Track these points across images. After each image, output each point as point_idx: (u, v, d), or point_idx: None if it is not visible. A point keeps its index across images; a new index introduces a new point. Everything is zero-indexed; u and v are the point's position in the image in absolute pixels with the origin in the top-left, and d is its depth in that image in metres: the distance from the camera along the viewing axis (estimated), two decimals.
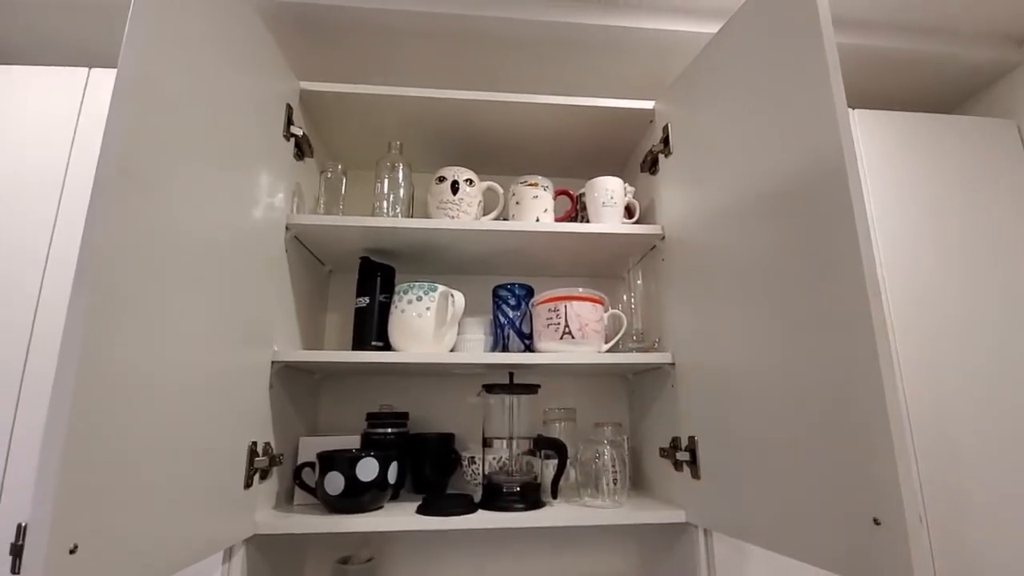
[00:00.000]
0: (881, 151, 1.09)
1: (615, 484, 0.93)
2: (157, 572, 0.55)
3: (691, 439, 0.84)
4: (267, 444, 0.83)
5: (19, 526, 0.48)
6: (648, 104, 1.03)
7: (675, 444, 0.90)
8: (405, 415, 1.04)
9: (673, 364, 0.92)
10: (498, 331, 1.03)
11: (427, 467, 1.01)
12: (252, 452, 0.77)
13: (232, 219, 0.72)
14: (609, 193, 1.00)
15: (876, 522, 0.51)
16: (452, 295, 0.93)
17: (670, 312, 0.95)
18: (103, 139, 0.51)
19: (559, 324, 0.92)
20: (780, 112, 0.68)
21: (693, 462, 0.83)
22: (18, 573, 0.43)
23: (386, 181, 1.01)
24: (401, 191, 1.01)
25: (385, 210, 0.99)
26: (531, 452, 0.95)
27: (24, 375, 0.81)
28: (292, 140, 0.93)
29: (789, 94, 0.67)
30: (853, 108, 1.12)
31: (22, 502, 0.75)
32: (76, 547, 0.44)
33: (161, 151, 0.57)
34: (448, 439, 1.05)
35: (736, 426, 0.73)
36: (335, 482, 0.83)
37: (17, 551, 0.45)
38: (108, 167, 0.50)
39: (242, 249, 0.75)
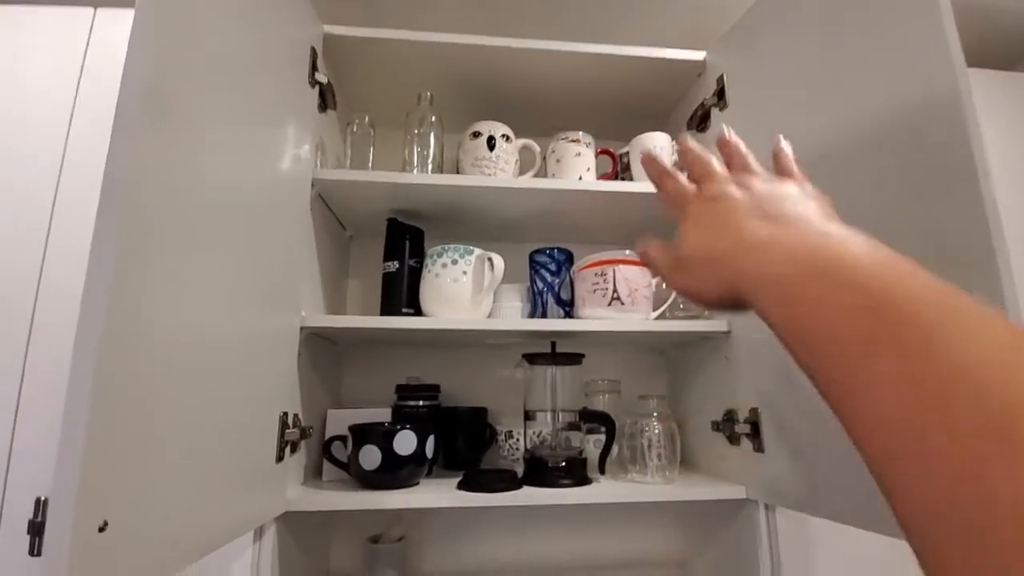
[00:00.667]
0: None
1: (659, 459, 0.88)
2: (190, 553, 0.49)
3: (753, 411, 0.78)
4: (296, 416, 0.77)
5: (38, 500, 0.43)
6: (699, 55, 0.95)
7: (730, 416, 0.84)
8: (436, 387, 0.98)
9: (728, 332, 0.86)
10: (536, 298, 0.97)
11: (460, 442, 0.96)
12: (283, 423, 0.71)
13: (257, 169, 0.65)
14: (657, 151, 0.93)
15: None
16: (491, 258, 0.86)
17: None
18: (124, 71, 0.43)
19: (607, 289, 0.85)
20: (873, 50, 0.61)
21: (755, 435, 0.77)
22: (38, 554, 0.37)
23: (416, 136, 0.93)
24: (431, 147, 0.94)
25: (416, 167, 0.92)
26: (572, 426, 0.89)
27: (32, 327, 0.74)
28: (316, 88, 0.85)
29: (883, 34, 0.59)
30: None
31: (35, 473, 0.69)
32: (106, 524, 0.38)
33: (184, 89, 0.49)
34: (481, 413, 1.00)
35: (810, 394, 0.67)
36: (371, 456, 0.77)
37: (37, 529, 0.39)
38: (131, 101, 0.43)
39: (268, 203, 0.68)
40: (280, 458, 0.70)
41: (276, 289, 0.71)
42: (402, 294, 0.92)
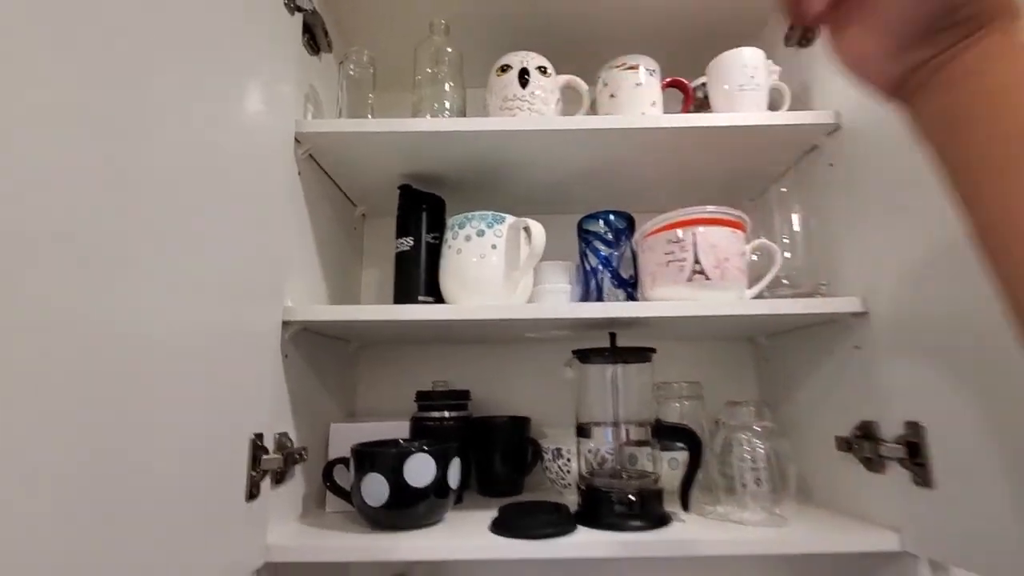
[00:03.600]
0: None
1: (762, 487, 0.64)
2: None
3: (911, 426, 0.54)
4: (282, 436, 0.60)
5: None
6: None
7: (867, 432, 0.60)
8: (466, 394, 0.79)
9: (862, 314, 0.61)
10: (588, 279, 0.75)
11: (497, 461, 0.76)
12: (256, 447, 0.54)
13: (212, 124, 0.47)
14: (748, 72, 0.69)
15: None
16: (527, 226, 0.66)
17: (848, 239, 0.64)
18: None
19: (685, 260, 0.63)
20: None
21: (916, 461, 0.53)
22: None
23: (428, 77, 0.73)
24: (448, 91, 0.74)
25: (427, 116, 0.72)
26: (640, 443, 0.68)
27: None
28: (299, 17, 0.67)
29: None
30: None
31: None
32: None
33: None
34: (522, 424, 0.80)
35: (1014, 406, 0.42)
36: (376, 488, 0.59)
37: None
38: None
39: (232, 167, 0.50)
40: (253, 495, 0.53)
41: (244, 276, 0.53)
42: (419, 277, 0.73)
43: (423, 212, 0.76)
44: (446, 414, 0.75)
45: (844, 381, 0.66)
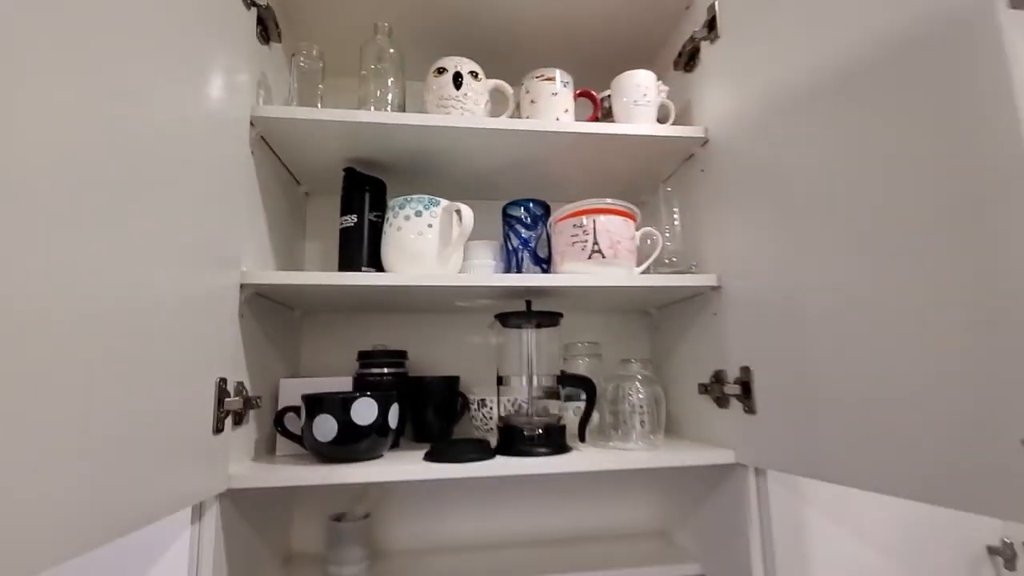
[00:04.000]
0: None
1: (642, 425, 0.82)
2: (106, 532, 0.41)
3: (744, 370, 0.72)
4: (240, 384, 0.69)
5: None
6: None
7: (718, 378, 0.79)
8: (403, 354, 0.90)
9: (717, 288, 0.79)
10: (510, 256, 0.89)
11: (429, 412, 0.88)
12: (221, 391, 0.62)
13: (176, 104, 0.55)
14: (641, 90, 0.85)
15: None
16: (458, 209, 0.78)
17: (713, 231, 0.82)
18: None
19: (587, 241, 0.78)
20: None
21: (746, 395, 0.71)
22: None
23: (372, 72, 0.83)
24: (390, 86, 0.84)
25: (371, 107, 0.82)
26: (550, 393, 0.82)
27: None
28: (254, 12, 0.74)
29: None
30: None
31: None
32: None
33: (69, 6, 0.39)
34: (452, 382, 0.92)
35: (812, 352, 0.61)
36: (326, 427, 0.69)
37: None
38: None
39: (194, 142, 0.58)
40: (219, 429, 0.62)
41: (208, 242, 0.61)
42: (362, 251, 0.83)
43: (366, 193, 0.86)
44: (385, 371, 0.86)
45: (705, 340, 0.84)
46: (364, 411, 0.71)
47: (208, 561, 0.62)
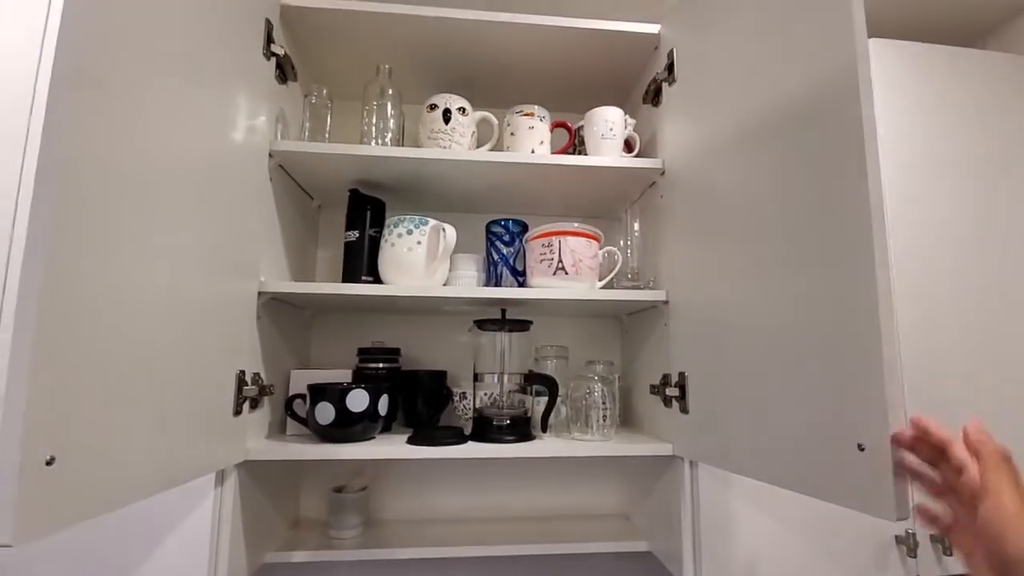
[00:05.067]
0: (896, 81, 1.02)
1: (605, 420, 0.94)
2: (144, 489, 0.56)
3: (681, 375, 0.84)
4: (256, 374, 0.83)
5: None
6: (654, 28, 0.97)
7: (665, 381, 0.90)
8: (396, 351, 1.04)
9: (666, 302, 0.90)
10: (491, 268, 1.01)
11: (419, 402, 1.02)
12: (240, 380, 0.77)
13: (209, 141, 0.69)
14: (608, 124, 0.96)
15: (860, 448, 0.51)
16: (443, 228, 0.91)
17: (666, 251, 0.92)
18: (58, 38, 0.46)
19: (552, 260, 0.90)
20: (792, 29, 0.63)
21: (682, 397, 0.83)
22: None
23: (375, 108, 0.96)
24: (390, 119, 0.96)
25: (374, 138, 0.95)
26: (522, 389, 0.95)
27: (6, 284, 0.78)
28: (273, 60, 0.88)
29: (803, 10, 0.61)
30: (871, 37, 1.05)
31: None
32: (53, 459, 0.44)
33: (125, 59, 0.52)
34: (440, 376, 1.05)
35: (726, 360, 0.72)
36: (325, 412, 0.83)
37: None
38: (63, 76, 0.46)
39: (222, 175, 0.72)
40: (238, 412, 0.76)
41: (233, 256, 0.75)
42: (362, 262, 0.97)
43: (367, 211, 0.99)
44: (380, 365, 1.00)
45: (659, 347, 0.95)
46: (357, 400, 0.84)
47: (228, 519, 0.77)
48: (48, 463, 0.44)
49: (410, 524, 1.05)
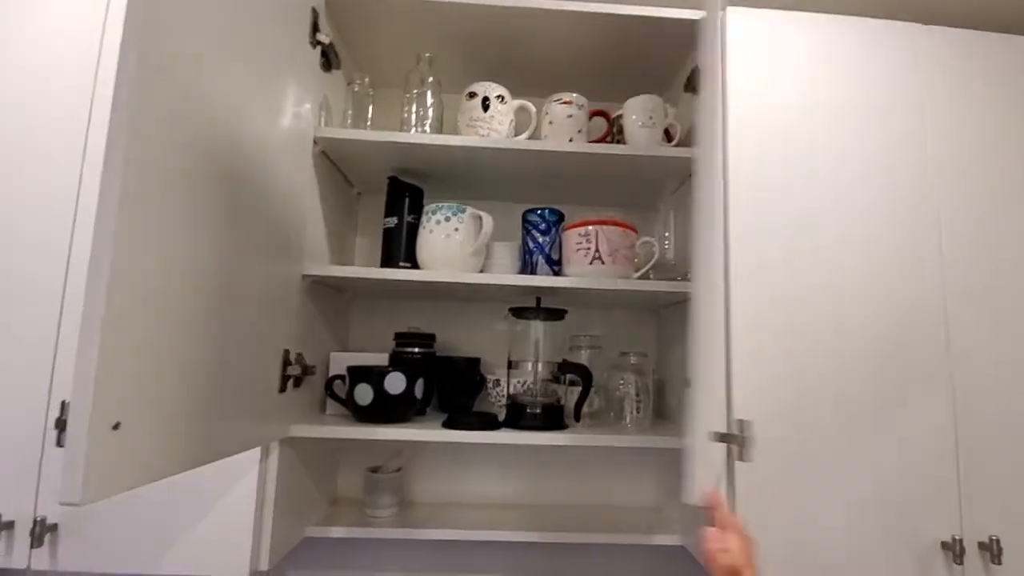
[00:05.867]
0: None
1: (638, 412, 0.93)
2: (197, 458, 0.59)
3: None
4: (300, 355, 0.86)
5: (63, 403, 0.52)
6: (697, 14, 0.94)
7: None
8: (432, 336, 1.05)
9: None
10: (527, 257, 1.01)
11: (453, 388, 1.03)
12: (285, 359, 0.80)
13: (261, 127, 0.71)
14: (648, 113, 0.94)
15: None
16: (481, 216, 0.91)
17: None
18: (124, 28, 0.49)
19: (589, 249, 0.89)
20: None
21: None
22: (62, 446, 0.46)
23: (415, 96, 0.97)
24: (430, 107, 0.97)
25: (413, 126, 0.96)
26: (555, 378, 0.95)
27: (69, 264, 0.82)
28: (318, 48, 0.89)
29: None
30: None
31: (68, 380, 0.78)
32: (119, 424, 0.47)
33: (183, 46, 0.54)
34: (473, 363, 1.07)
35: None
36: (364, 394, 0.85)
37: (62, 425, 0.47)
38: (130, 58, 0.48)
39: (272, 160, 0.74)
40: (283, 389, 0.79)
41: (278, 239, 0.78)
42: (400, 248, 0.99)
43: (406, 198, 1.01)
44: (416, 350, 1.02)
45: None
46: (395, 383, 0.86)
47: (271, 493, 0.80)
48: (114, 428, 0.46)
49: (442, 507, 1.07)
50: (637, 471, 1.13)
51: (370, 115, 0.98)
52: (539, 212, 1.01)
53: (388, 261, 0.98)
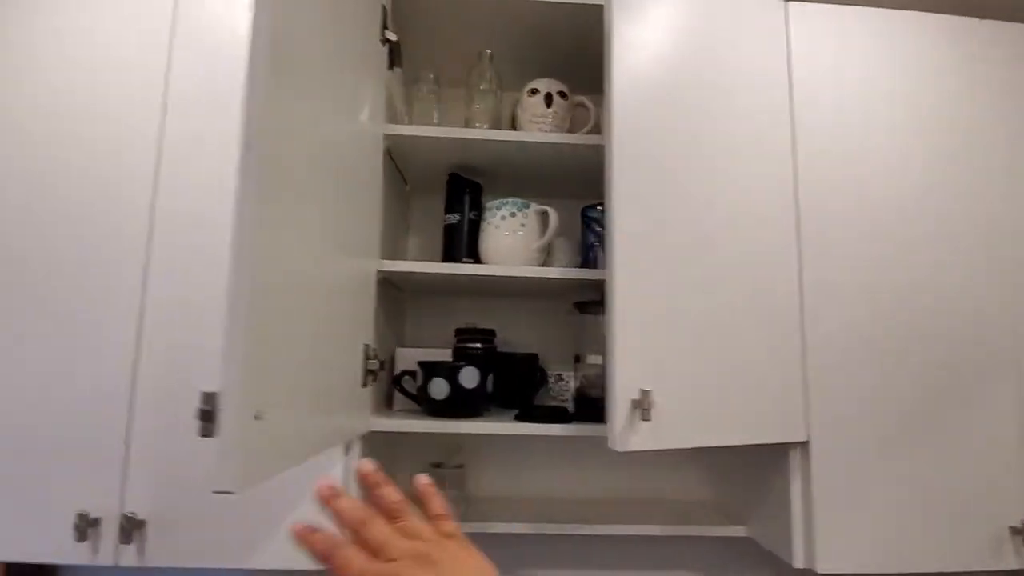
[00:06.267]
0: None
1: None
2: (307, 449, 0.59)
3: None
4: (375, 349, 0.86)
5: (203, 394, 0.52)
6: None
7: None
8: (492, 332, 1.06)
9: None
10: (588, 252, 1.02)
11: (514, 383, 1.04)
12: (367, 354, 0.80)
13: (344, 124, 0.72)
14: None
15: None
16: (548, 211, 0.92)
17: None
18: (252, 30, 0.49)
19: None
20: None
21: None
22: (208, 436, 0.46)
23: (477, 93, 0.98)
24: (492, 104, 0.98)
25: (475, 124, 0.97)
26: None
27: (149, 261, 0.82)
28: (386, 46, 0.90)
29: None
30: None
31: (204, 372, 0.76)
32: (260, 414, 0.47)
33: (292, 47, 0.55)
34: (532, 358, 1.07)
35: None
36: (439, 388, 0.86)
37: (206, 415, 0.48)
38: (260, 57, 0.49)
39: (353, 155, 0.75)
40: (365, 384, 0.80)
41: (359, 236, 0.78)
42: (463, 245, 0.99)
43: (466, 195, 1.01)
44: (479, 346, 1.02)
45: None
46: (470, 377, 0.87)
47: (354, 487, 0.81)
48: (256, 418, 0.47)
49: (505, 501, 1.08)
50: (692, 465, 1.14)
51: (436, 113, 0.99)
52: (599, 207, 1.02)
53: (450, 258, 0.99)
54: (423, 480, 0.41)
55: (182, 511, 0.76)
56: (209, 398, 0.46)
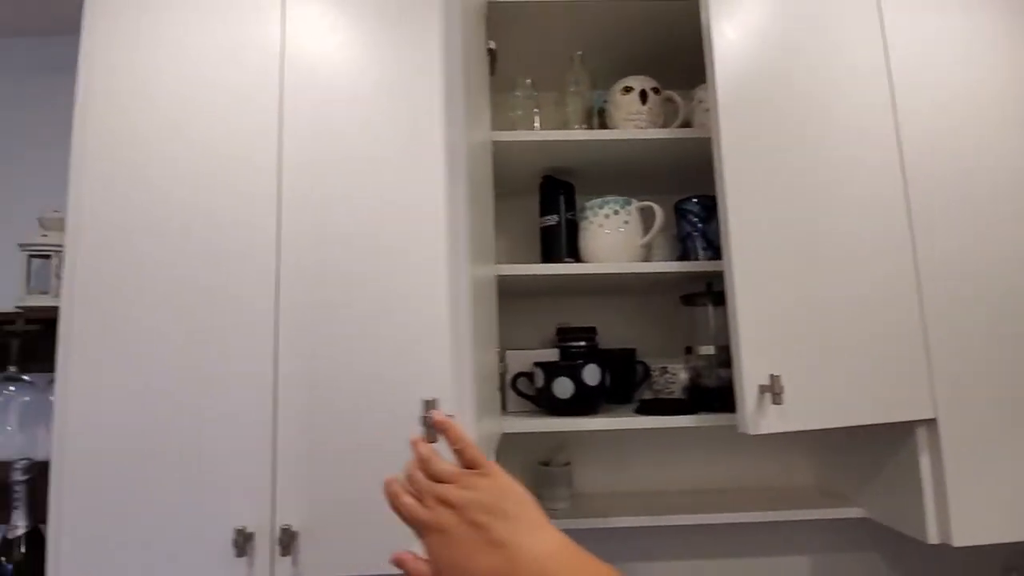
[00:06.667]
0: None
1: None
2: None
3: None
4: (500, 352, 0.88)
5: (423, 401, 0.54)
6: None
7: None
8: (593, 329, 1.07)
9: None
10: (687, 244, 1.03)
11: (617, 378, 1.05)
12: (500, 356, 0.82)
13: (477, 137, 0.73)
14: None
15: None
16: (653, 207, 0.93)
17: None
18: (446, 56, 0.51)
19: None
20: None
21: None
22: (433, 442, 0.48)
23: (570, 94, 0.99)
24: (581, 105, 1.00)
25: (572, 125, 0.98)
26: (726, 363, 0.97)
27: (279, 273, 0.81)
28: (488, 55, 0.92)
29: None
30: None
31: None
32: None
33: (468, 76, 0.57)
34: (630, 353, 1.08)
35: None
36: (563, 387, 0.87)
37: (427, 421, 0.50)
38: (456, 79, 0.51)
39: (481, 167, 0.77)
40: (501, 388, 0.81)
41: (487, 240, 0.80)
42: (562, 245, 1.01)
43: (560, 196, 1.03)
44: (582, 344, 1.04)
45: None
46: (592, 374, 0.88)
47: None
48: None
49: (610, 496, 1.09)
50: (796, 450, 1.14)
51: (536, 117, 1.00)
52: (695, 200, 1.03)
53: (549, 258, 1.00)
54: (439, 415, 0.40)
55: (333, 521, 0.78)
56: (428, 405, 0.48)
